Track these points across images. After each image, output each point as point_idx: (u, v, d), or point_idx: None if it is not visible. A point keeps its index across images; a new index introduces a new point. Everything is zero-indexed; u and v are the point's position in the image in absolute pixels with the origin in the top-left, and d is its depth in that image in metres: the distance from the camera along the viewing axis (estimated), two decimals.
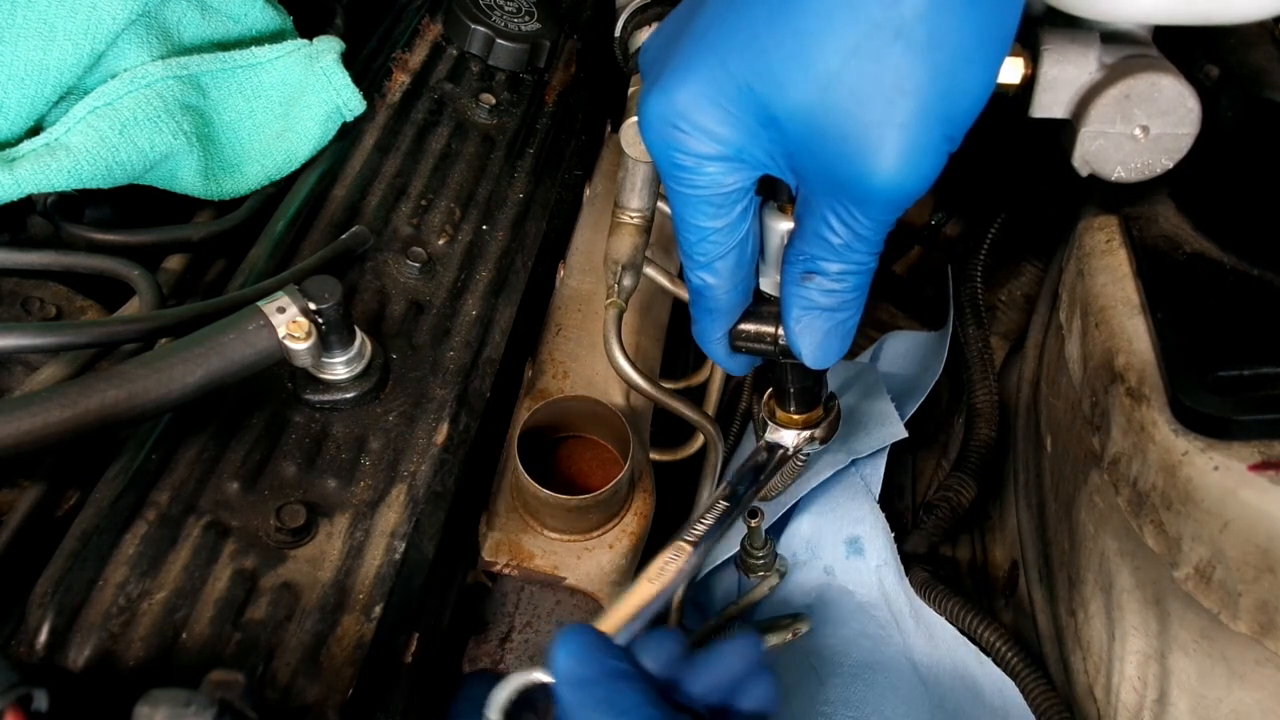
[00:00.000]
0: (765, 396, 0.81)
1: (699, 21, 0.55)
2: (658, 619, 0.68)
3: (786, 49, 0.52)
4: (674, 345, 1.20)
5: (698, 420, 0.95)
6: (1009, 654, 1.00)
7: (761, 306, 0.68)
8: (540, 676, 0.60)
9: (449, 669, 0.81)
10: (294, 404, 0.73)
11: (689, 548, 0.73)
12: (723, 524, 0.76)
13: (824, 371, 0.77)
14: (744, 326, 0.68)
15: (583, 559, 0.86)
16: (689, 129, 0.55)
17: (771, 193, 0.62)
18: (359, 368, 0.73)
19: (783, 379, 0.76)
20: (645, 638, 0.65)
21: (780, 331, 0.66)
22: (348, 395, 0.73)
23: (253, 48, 0.89)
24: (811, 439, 0.81)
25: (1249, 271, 0.85)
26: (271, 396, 0.73)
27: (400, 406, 0.75)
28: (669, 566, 0.71)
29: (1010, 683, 1.00)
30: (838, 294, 0.60)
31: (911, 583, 1.07)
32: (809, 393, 0.78)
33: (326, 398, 0.73)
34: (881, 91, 0.51)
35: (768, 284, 0.67)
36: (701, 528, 0.75)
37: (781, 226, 0.63)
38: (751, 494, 0.79)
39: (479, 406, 0.80)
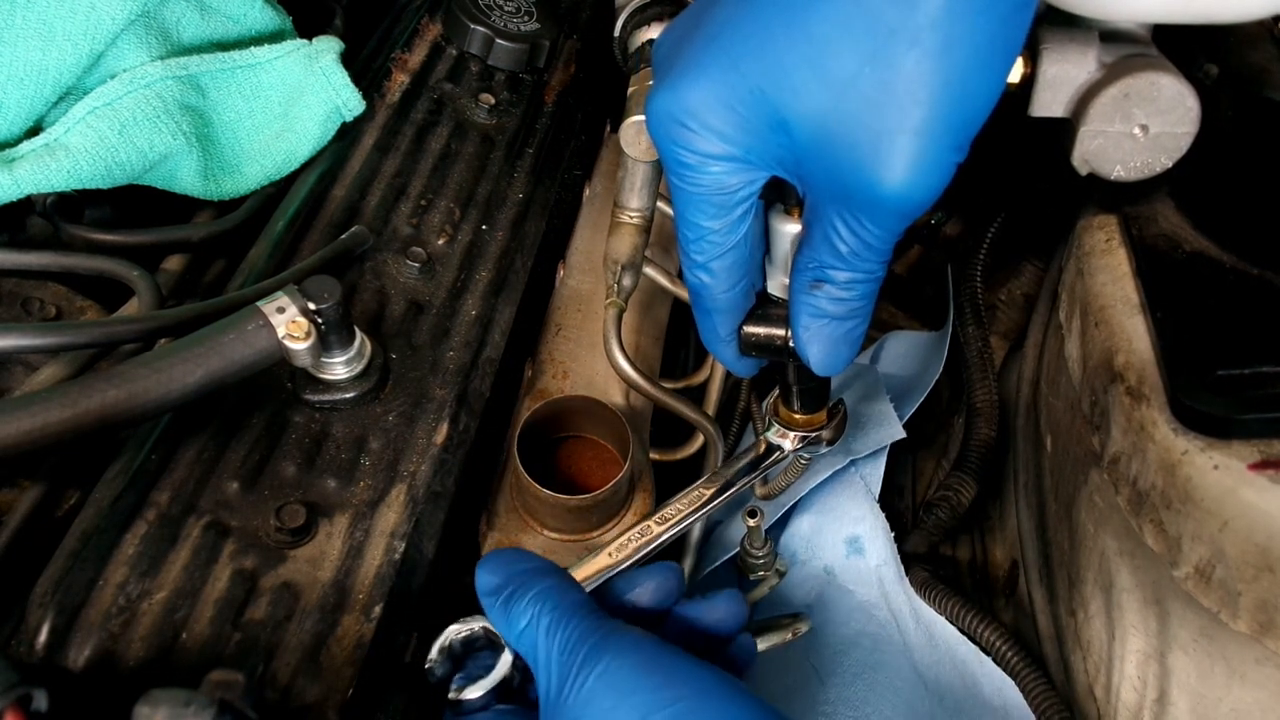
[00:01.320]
0: (771, 396, 0.81)
1: (712, 22, 0.55)
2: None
3: (801, 53, 0.51)
4: (674, 345, 1.20)
5: (698, 420, 0.95)
6: (1009, 654, 1.00)
7: (770, 309, 0.67)
8: (473, 624, 0.63)
9: None
10: (294, 404, 0.73)
11: (656, 529, 0.74)
12: (699, 512, 0.76)
13: None
14: (753, 329, 0.68)
15: (583, 559, 0.86)
16: (697, 128, 0.55)
17: (779, 195, 0.62)
18: (359, 368, 0.73)
19: (790, 379, 0.76)
20: (649, 567, 0.69)
21: (789, 334, 0.66)
22: (347, 395, 0.73)
23: (252, 48, 0.89)
24: (816, 440, 0.81)
25: (1249, 271, 0.85)
26: (271, 396, 0.73)
27: (400, 406, 0.75)
28: (630, 543, 0.72)
29: (1010, 682, 1.00)
30: (846, 302, 0.60)
31: (911, 582, 1.07)
32: (816, 393, 0.78)
33: (326, 398, 0.73)
34: (894, 98, 0.50)
35: (775, 286, 0.67)
36: (674, 512, 0.76)
37: (788, 229, 0.62)
38: (738, 488, 0.79)
39: (479, 406, 0.80)
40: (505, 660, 0.62)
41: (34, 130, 0.80)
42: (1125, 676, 0.87)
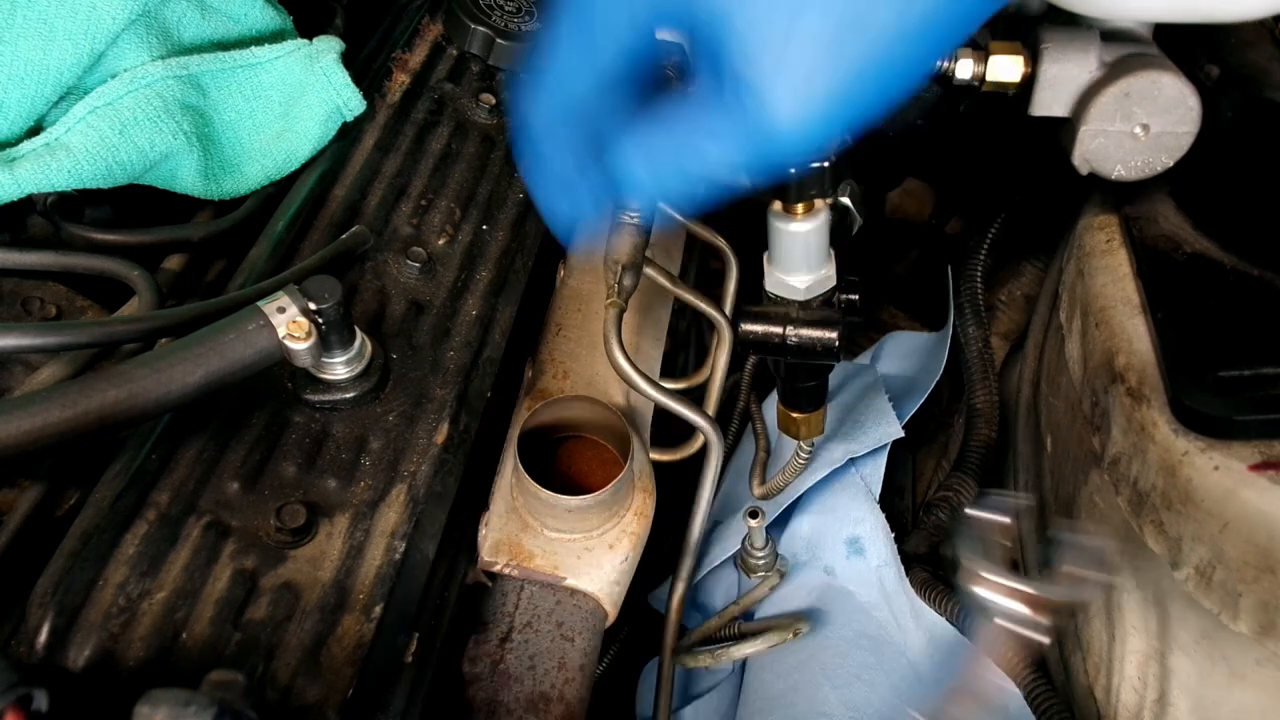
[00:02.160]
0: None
1: None
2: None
3: None
4: (674, 345, 1.20)
5: (698, 420, 0.95)
6: (1009, 654, 1.00)
7: (770, 307, 0.67)
8: None
9: (449, 669, 0.81)
10: (294, 404, 0.73)
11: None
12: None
13: (828, 370, 0.77)
14: (750, 327, 0.67)
15: (583, 559, 0.86)
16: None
17: (778, 192, 0.62)
18: (359, 368, 0.73)
19: (789, 378, 0.76)
20: None
21: (787, 331, 0.66)
22: (348, 395, 0.73)
23: (253, 48, 0.89)
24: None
25: (1249, 271, 0.85)
26: (271, 396, 0.73)
27: (400, 406, 0.75)
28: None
29: (1010, 683, 0.99)
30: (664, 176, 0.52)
31: (912, 583, 1.07)
32: (814, 392, 0.78)
33: (326, 398, 0.73)
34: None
35: (773, 284, 0.67)
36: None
37: (791, 228, 0.62)
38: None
39: (479, 406, 0.80)
40: None
41: (34, 130, 0.80)
42: (1125, 677, 0.87)
